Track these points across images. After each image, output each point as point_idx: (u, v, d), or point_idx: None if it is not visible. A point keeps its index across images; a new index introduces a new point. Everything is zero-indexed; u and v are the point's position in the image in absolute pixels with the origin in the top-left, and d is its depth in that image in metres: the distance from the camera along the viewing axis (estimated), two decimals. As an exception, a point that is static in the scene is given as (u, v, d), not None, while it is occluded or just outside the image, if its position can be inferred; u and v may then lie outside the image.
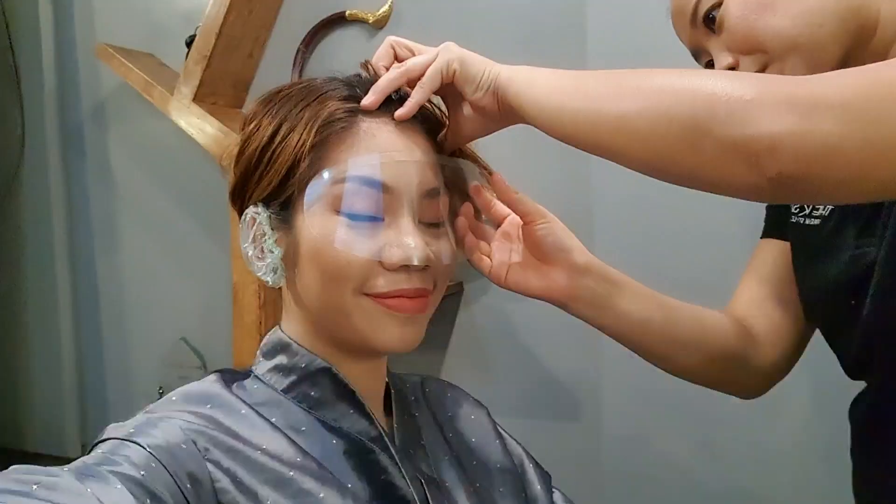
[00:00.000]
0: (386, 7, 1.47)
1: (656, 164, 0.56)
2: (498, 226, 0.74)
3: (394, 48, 0.71)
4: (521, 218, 0.73)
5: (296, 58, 1.54)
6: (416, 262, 0.62)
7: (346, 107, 0.65)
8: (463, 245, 0.72)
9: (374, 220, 0.63)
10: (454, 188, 0.71)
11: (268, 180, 0.65)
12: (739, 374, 0.81)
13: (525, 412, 1.41)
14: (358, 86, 0.67)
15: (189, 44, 1.53)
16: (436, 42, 0.70)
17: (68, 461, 0.54)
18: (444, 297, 1.37)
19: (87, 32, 1.77)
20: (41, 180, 1.79)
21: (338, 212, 0.62)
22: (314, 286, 0.64)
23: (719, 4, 0.68)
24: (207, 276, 1.66)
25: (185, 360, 1.66)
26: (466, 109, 0.69)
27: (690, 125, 0.52)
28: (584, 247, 0.74)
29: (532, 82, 0.64)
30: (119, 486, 0.49)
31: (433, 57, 0.67)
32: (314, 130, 0.63)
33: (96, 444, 0.56)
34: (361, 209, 0.62)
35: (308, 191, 0.63)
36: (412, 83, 0.67)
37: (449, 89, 0.68)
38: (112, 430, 0.56)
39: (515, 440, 0.82)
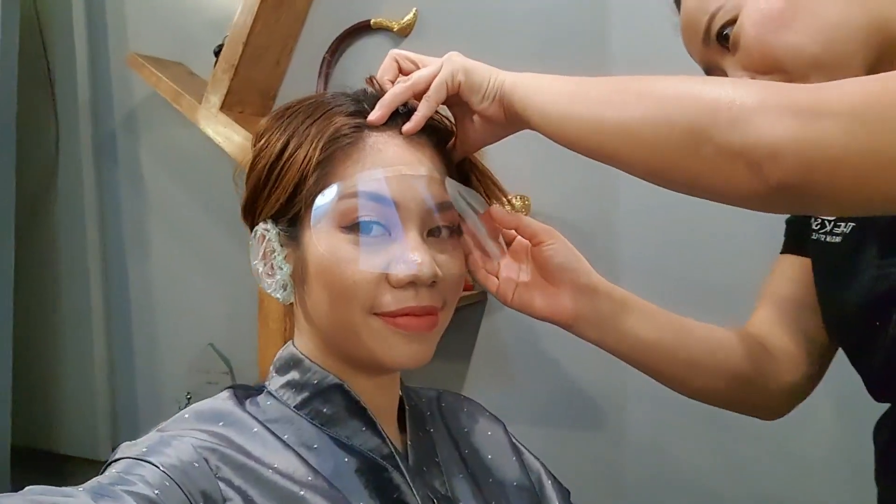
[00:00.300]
0: (410, 15, 1.47)
1: (659, 171, 0.56)
2: (508, 245, 0.73)
3: (398, 61, 0.71)
4: (528, 239, 0.72)
5: (321, 66, 1.55)
6: (422, 278, 0.62)
7: (352, 122, 0.65)
8: (468, 262, 0.71)
9: (381, 236, 0.63)
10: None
11: (276, 197, 0.65)
12: (758, 395, 0.78)
13: (548, 421, 1.40)
14: (365, 100, 0.67)
15: (217, 53, 1.55)
16: (460, 49, 0.70)
17: (99, 464, 0.55)
18: (467, 306, 1.38)
19: (119, 42, 1.81)
20: (75, 188, 1.84)
21: (343, 228, 0.62)
22: (323, 304, 0.64)
23: (733, 22, 0.66)
24: (234, 282, 1.68)
25: (213, 366, 1.68)
26: (473, 118, 0.69)
27: (692, 131, 0.52)
28: (592, 268, 0.73)
29: (537, 89, 0.63)
30: None
31: (438, 69, 0.67)
32: (320, 147, 0.63)
33: (109, 463, 0.56)
34: (366, 226, 0.62)
35: (314, 207, 0.62)
36: (418, 96, 0.67)
37: (455, 99, 0.68)
38: (125, 448, 0.57)
39: (534, 455, 0.81)
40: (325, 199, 0.62)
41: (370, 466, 0.65)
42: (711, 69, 0.71)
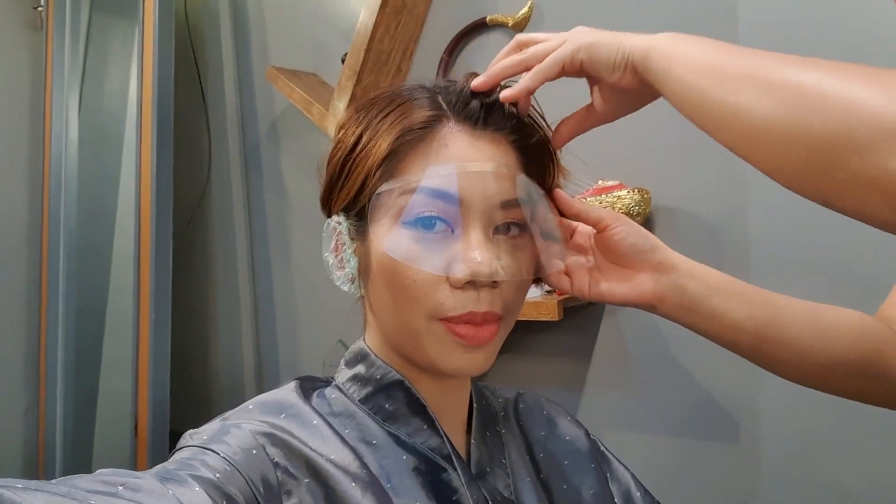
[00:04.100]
0: (525, 9, 1.45)
1: (787, 179, 0.49)
2: (570, 236, 0.70)
3: (521, 45, 0.67)
4: (593, 226, 0.68)
5: (439, 67, 1.56)
6: (481, 277, 0.59)
7: (423, 115, 0.63)
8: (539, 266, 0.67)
9: (443, 232, 0.61)
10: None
11: (347, 190, 0.65)
12: (875, 384, 0.67)
13: (675, 431, 1.31)
14: (441, 93, 0.65)
15: (344, 61, 1.61)
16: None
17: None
18: (588, 305, 1.33)
19: (261, 57, 1.93)
20: (226, 194, 1.99)
21: (406, 224, 0.61)
22: (386, 302, 0.64)
23: None
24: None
25: (342, 362, 1.75)
26: (606, 89, 0.64)
27: (822, 148, 0.44)
28: (667, 245, 0.68)
29: (674, 60, 0.56)
30: (197, 489, 0.52)
31: (559, 43, 0.63)
32: (388, 140, 0.62)
33: (174, 451, 0.59)
34: (428, 222, 0.60)
35: (377, 202, 0.62)
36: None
37: (581, 73, 0.64)
38: (188, 437, 0.60)
39: (624, 465, 0.77)
40: (388, 193, 0.62)
41: (428, 466, 0.64)
42: None
